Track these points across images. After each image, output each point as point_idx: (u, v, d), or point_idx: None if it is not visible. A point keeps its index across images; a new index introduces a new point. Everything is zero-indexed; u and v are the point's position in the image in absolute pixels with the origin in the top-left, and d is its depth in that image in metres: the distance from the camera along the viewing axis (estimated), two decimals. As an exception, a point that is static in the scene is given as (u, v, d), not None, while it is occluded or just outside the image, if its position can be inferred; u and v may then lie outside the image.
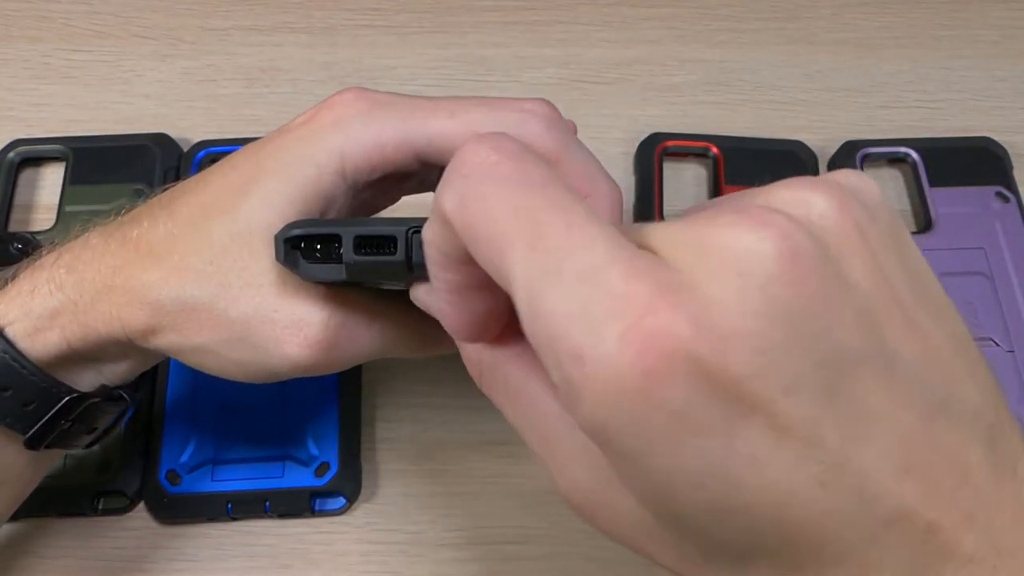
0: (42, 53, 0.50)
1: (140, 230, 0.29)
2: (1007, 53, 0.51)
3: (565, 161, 0.29)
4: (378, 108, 0.28)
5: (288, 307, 0.27)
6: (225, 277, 0.27)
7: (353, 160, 0.28)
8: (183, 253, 0.28)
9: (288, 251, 0.25)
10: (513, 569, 0.37)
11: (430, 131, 0.28)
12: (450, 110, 0.28)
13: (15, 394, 0.28)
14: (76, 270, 0.28)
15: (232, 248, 0.27)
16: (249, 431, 0.39)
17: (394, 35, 0.51)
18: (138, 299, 0.28)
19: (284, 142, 0.28)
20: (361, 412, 0.40)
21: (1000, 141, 0.47)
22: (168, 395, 0.39)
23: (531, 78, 0.50)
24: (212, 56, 0.50)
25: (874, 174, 0.47)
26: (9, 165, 0.46)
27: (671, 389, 0.15)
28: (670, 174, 0.47)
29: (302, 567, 0.37)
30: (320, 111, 0.29)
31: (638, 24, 0.52)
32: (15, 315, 0.28)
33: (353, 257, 0.25)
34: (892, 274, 0.18)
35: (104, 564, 0.37)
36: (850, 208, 0.18)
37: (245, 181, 0.28)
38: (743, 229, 0.16)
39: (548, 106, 0.29)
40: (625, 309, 0.15)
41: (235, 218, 0.28)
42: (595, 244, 0.16)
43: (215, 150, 0.46)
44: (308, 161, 0.28)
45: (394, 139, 0.28)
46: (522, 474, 0.39)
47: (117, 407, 0.31)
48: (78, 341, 0.28)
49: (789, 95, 0.50)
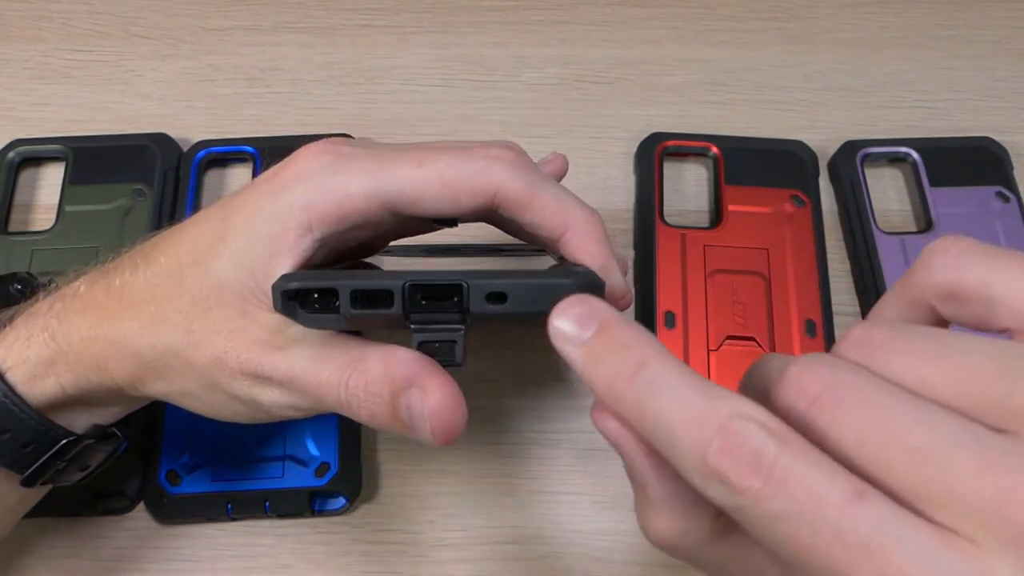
0: (42, 53, 0.50)
1: (122, 279, 0.29)
2: (1007, 53, 0.51)
3: (536, 200, 0.29)
4: (343, 160, 0.28)
5: (242, 350, 0.28)
6: (191, 324, 0.28)
7: (320, 212, 0.27)
8: (159, 303, 0.28)
9: (285, 302, 0.25)
10: (513, 569, 0.37)
11: (398, 180, 0.28)
12: (417, 160, 0.28)
13: (14, 437, 0.29)
14: (65, 320, 0.29)
15: (201, 300, 0.28)
16: (249, 431, 0.39)
17: (394, 35, 0.51)
18: (120, 351, 0.29)
19: (250, 197, 0.29)
20: (361, 412, 0.40)
21: (1000, 141, 0.47)
22: (168, 395, 0.39)
23: (531, 78, 0.50)
24: (212, 56, 0.50)
25: (874, 174, 0.47)
26: (9, 165, 0.46)
27: None
28: (670, 174, 0.47)
29: (302, 567, 0.37)
30: (286, 165, 0.29)
31: (638, 24, 0.52)
32: (13, 361, 0.29)
33: (350, 311, 0.25)
34: None
35: (104, 564, 0.37)
36: None
37: (214, 238, 0.28)
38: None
39: (514, 150, 0.29)
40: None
41: (206, 272, 0.28)
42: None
43: (215, 150, 0.46)
44: (273, 218, 0.28)
45: (362, 191, 0.28)
46: (522, 474, 0.39)
47: (110, 445, 0.32)
48: (72, 388, 0.29)
49: (789, 95, 0.50)
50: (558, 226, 0.29)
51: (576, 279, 0.25)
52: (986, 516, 0.17)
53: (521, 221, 0.29)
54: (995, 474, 0.17)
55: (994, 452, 0.17)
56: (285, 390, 0.28)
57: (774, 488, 0.18)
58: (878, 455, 0.18)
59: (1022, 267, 0.20)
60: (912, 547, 0.17)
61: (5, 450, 0.29)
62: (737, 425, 0.18)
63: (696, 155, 0.47)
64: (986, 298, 0.20)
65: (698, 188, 0.47)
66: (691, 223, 0.45)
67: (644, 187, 0.45)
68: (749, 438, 0.18)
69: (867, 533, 0.17)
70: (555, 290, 0.24)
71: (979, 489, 0.17)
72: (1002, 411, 0.18)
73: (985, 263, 0.21)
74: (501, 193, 0.28)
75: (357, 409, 0.26)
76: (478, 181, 0.28)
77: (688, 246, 0.43)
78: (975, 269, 0.21)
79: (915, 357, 0.19)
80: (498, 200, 0.28)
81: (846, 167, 0.46)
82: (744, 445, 0.18)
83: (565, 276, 0.25)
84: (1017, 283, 0.20)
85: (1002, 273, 0.20)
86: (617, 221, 0.45)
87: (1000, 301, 0.20)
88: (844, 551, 0.17)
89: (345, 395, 0.26)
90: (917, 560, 0.17)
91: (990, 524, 0.17)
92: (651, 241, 0.44)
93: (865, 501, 0.17)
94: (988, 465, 0.17)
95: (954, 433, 0.18)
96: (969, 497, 0.17)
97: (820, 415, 0.19)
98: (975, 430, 0.18)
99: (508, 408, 0.41)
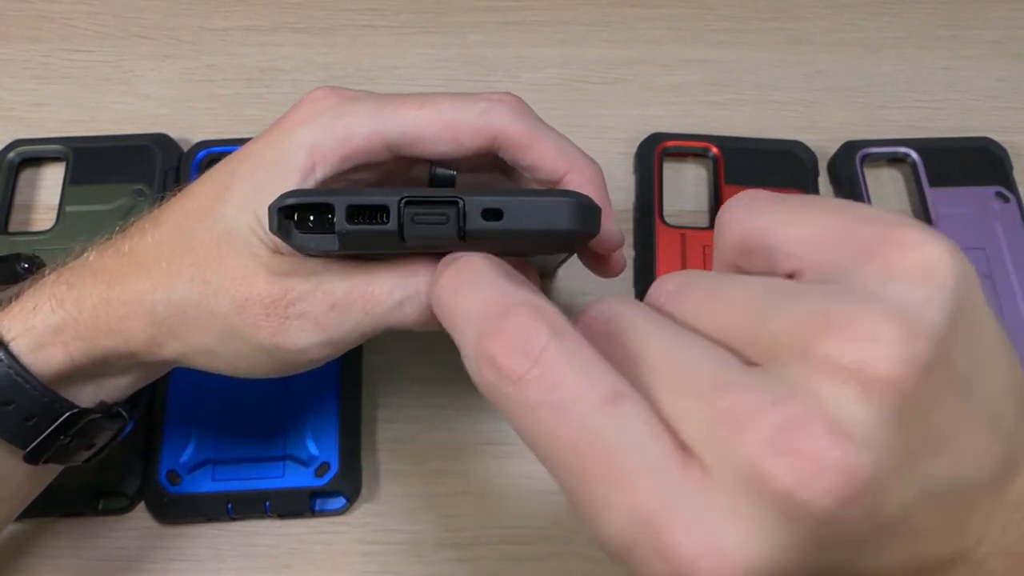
0: (42, 53, 0.50)
1: (131, 243, 0.30)
2: (1007, 53, 0.51)
3: (538, 144, 0.29)
4: (348, 103, 0.29)
5: (264, 291, 0.28)
6: (206, 275, 0.28)
7: (322, 152, 0.28)
8: (169, 258, 0.29)
9: (281, 221, 0.25)
10: (513, 569, 0.37)
11: (400, 121, 0.28)
12: (420, 102, 0.29)
13: (17, 408, 0.28)
14: (75, 286, 0.29)
15: (213, 248, 0.28)
16: (249, 431, 0.39)
17: (394, 35, 0.51)
18: (134, 310, 0.29)
19: (256, 147, 0.29)
20: (361, 412, 0.40)
21: (1000, 141, 0.47)
22: (168, 395, 0.39)
23: (531, 78, 0.50)
24: (212, 56, 0.50)
25: (874, 174, 0.47)
26: (9, 165, 0.46)
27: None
28: (670, 174, 0.47)
29: (302, 567, 0.37)
30: (291, 111, 0.30)
31: (638, 24, 0.52)
32: (18, 331, 0.29)
33: (346, 227, 0.25)
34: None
35: (105, 564, 0.37)
36: (915, 359, 0.17)
37: (222, 186, 0.29)
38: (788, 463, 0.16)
39: (515, 97, 0.30)
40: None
41: (215, 220, 0.28)
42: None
43: (215, 150, 0.46)
44: (277, 163, 0.28)
45: (364, 130, 0.28)
46: (522, 474, 0.39)
47: (116, 423, 0.32)
48: (81, 356, 0.29)
49: (789, 95, 0.50)
50: (557, 169, 0.29)
51: (572, 197, 0.25)
52: (707, 436, 0.17)
53: (521, 163, 0.30)
54: (720, 396, 0.17)
55: (729, 378, 0.17)
56: (319, 324, 0.28)
57: (537, 375, 0.18)
58: (639, 374, 0.19)
59: (794, 211, 0.20)
60: (645, 457, 0.17)
61: (7, 422, 0.28)
62: (517, 313, 0.19)
63: (696, 155, 0.47)
64: (769, 246, 0.20)
65: (698, 188, 0.47)
66: (691, 223, 0.45)
67: (644, 187, 0.46)
68: (526, 326, 0.19)
69: (611, 434, 0.18)
70: (552, 207, 0.24)
71: (706, 409, 0.17)
72: (755, 346, 0.18)
73: (765, 212, 0.21)
74: (502, 134, 0.29)
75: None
76: (479, 122, 0.29)
77: (688, 246, 0.43)
78: (756, 219, 0.21)
79: (693, 302, 0.20)
80: (499, 142, 0.29)
81: (846, 167, 0.46)
82: (519, 331, 0.19)
83: (562, 195, 0.25)
84: (790, 227, 0.20)
85: (780, 218, 0.20)
86: (617, 221, 0.45)
87: (778, 247, 0.20)
88: (587, 448, 0.18)
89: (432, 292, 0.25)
90: (645, 470, 0.17)
91: (709, 444, 0.17)
92: (651, 241, 0.44)
93: (620, 403, 0.18)
94: (718, 387, 0.17)
95: (705, 358, 0.18)
96: (698, 416, 0.17)
97: (599, 340, 0.20)
98: (724, 359, 0.18)
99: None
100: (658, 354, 0.19)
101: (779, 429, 0.16)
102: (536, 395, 0.18)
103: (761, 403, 0.17)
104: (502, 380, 0.19)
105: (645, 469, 0.17)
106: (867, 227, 0.19)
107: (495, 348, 0.19)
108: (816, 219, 0.20)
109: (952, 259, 0.18)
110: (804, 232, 0.20)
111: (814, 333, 0.17)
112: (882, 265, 0.18)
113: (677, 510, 0.17)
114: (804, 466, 0.16)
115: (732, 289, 0.20)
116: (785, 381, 0.17)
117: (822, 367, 0.17)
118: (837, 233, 0.19)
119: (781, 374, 0.17)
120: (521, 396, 0.18)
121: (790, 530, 0.16)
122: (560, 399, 0.18)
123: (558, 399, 0.18)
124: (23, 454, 0.29)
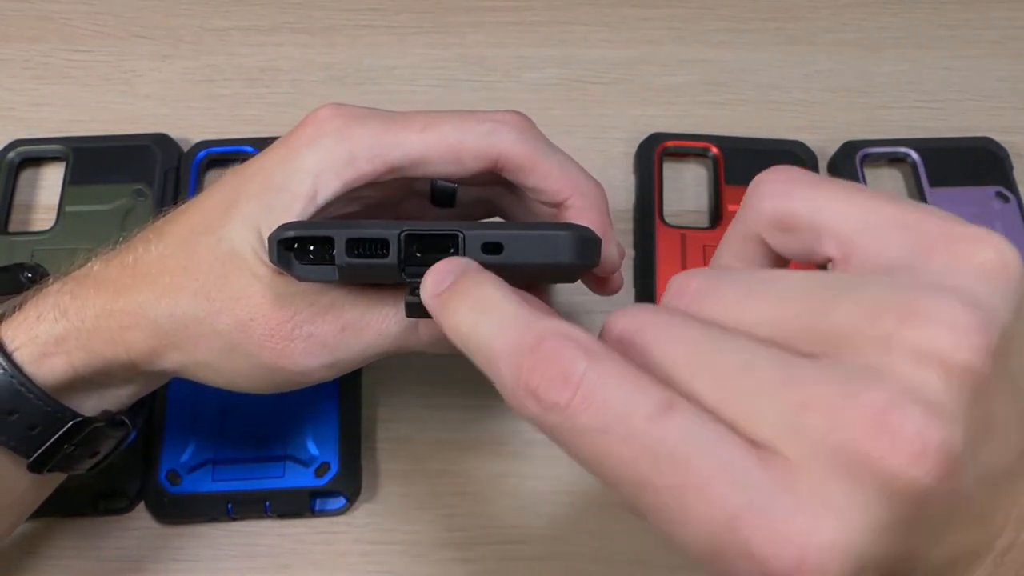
0: (42, 53, 0.50)
1: (135, 255, 0.30)
2: (1007, 53, 0.51)
3: (540, 166, 0.29)
4: (352, 124, 0.29)
5: (270, 314, 0.28)
6: (210, 292, 0.28)
7: (326, 179, 0.28)
8: (173, 272, 0.29)
9: (281, 252, 0.25)
10: (513, 569, 0.37)
11: (403, 144, 0.28)
12: (423, 124, 0.29)
13: (21, 418, 0.28)
14: (79, 296, 0.29)
15: (217, 266, 0.28)
16: (249, 431, 0.39)
17: (394, 35, 0.51)
18: (137, 321, 0.29)
19: (263, 164, 0.29)
20: (361, 412, 0.40)
21: (1000, 141, 0.47)
22: (169, 395, 0.39)
23: (531, 78, 0.50)
24: (212, 56, 0.50)
25: (874, 174, 0.47)
26: (9, 165, 0.46)
27: None
28: (670, 174, 0.47)
29: (302, 567, 0.37)
30: (297, 131, 0.29)
31: (638, 24, 0.52)
32: (21, 340, 0.29)
33: (346, 259, 0.25)
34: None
35: (105, 564, 0.37)
36: (984, 348, 0.17)
37: (228, 203, 0.29)
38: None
39: (520, 116, 0.30)
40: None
41: (220, 238, 0.29)
42: None
43: (215, 150, 0.46)
44: (282, 187, 0.28)
45: (367, 154, 0.28)
46: (522, 474, 0.39)
47: (119, 432, 0.32)
48: (83, 366, 0.29)
49: (789, 95, 0.50)
50: (560, 191, 0.29)
51: (572, 231, 0.25)
52: (787, 429, 0.17)
53: (524, 185, 0.30)
54: (794, 388, 0.17)
55: (795, 371, 0.17)
56: (327, 346, 0.28)
57: (582, 401, 0.18)
58: (688, 382, 0.18)
59: (849, 194, 0.20)
60: (716, 457, 0.17)
61: (11, 432, 0.29)
62: (550, 343, 0.19)
63: (696, 155, 0.47)
64: (814, 225, 0.20)
65: (698, 188, 0.47)
66: (691, 223, 0.45)
67: (644, 187, 0.46)
68: (561, 355, 0.18)
69: (674, 443, 0.17)
70: (552, 241, 0.24)
71: (779, 404, 0.17)
72: (812, 338, 0.18)
73: (813, 190, 0.20)
74: (504, 156, 0.29)
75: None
76: (482, 144, 0.29)
77: (688, 246, 0.43)
78: (804, 196, 0.20)
79: (730, 300, 0.20)
80: (501, 163, 0.29)
81: (846, 167, 0.46)
82: (555, 362, 0.18)
83: (562, 228, 0.25)
84: (845, 210, 0.20)
85: (830, 200, 0.20)
86: (617, 221, 0.45)
87: (827, 228, 0.20)
88: (651, 462, 0.17)
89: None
90: (720, 469, 0.17)
91: (791, 436, 0.17)
92: (651, 241, 0.44)
93: (674, 412, 0.17)
94: (788, 381, 0.17)
95: (757, 356, 0.18)
96: (771, 412, 0.17)
97: (634, 353, 0.19)
98: (779, 354, 0.18)
99: (509, 408, 0.41)
100: (705, 357, 0.19)
101: (877, 412, 0.16)
102: (586, 420, 0.18)
103: (848, 390, 0.17)
104: (548, 412, 0.18)
105: (721, 471, 0.17)
106: (932, 221, 0.19)
107: (534, 382, 0.18)
108: (875, 207, 0.20)
109: (1019, 258, 0.18)
110: (862, 218, 0.20)
111: (893, 320, 0.17)
112: (951, 258, 0.18)
113: (765, 510, 0.17)
114: (908, 445, 0.16)
115: (774, 284, 0.19)
116: (863, 368, 0.17)
117: (904, 353, 0.17)
118: (900, 223, 0.19)
119: (855, 362, 0.17)
120: (570, 424, 0.18)
121: (891, 511, 0.16)
122: (610, 420, 0.18)
123: (609, 420, 0.18)
124: (27, 463, 0.29)
